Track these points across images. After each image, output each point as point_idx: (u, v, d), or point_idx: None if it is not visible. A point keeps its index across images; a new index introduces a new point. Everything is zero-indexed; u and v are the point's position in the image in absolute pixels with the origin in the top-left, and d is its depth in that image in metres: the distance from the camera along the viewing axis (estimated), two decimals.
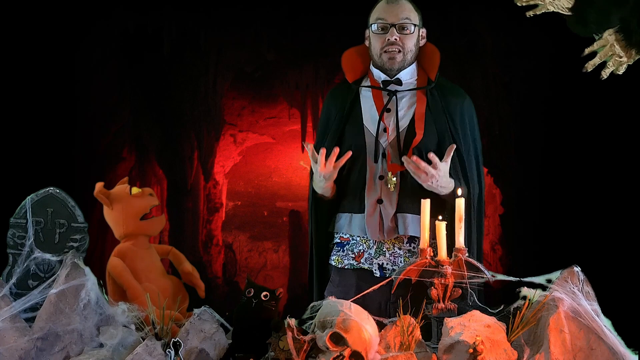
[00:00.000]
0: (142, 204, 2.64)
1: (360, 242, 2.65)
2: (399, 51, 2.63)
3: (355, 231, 2.65)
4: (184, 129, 8.03)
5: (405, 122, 2.64)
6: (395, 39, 2.61)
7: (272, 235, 9.47)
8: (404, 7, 2.64)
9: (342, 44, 2.85)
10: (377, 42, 2.65)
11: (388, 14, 2.62)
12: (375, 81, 2.70)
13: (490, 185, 7.51)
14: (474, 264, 2.19)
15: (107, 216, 2.65)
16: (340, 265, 2.66)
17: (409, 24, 2.62)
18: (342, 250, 2.68)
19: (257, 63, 7.86)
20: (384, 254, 2.61)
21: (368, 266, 2.62)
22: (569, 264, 2.16)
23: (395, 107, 2.64)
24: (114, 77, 7.54)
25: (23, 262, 2.28)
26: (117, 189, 2.67)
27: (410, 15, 2.63)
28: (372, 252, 2.62)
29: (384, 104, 2.65)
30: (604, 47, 2.08)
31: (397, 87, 2.67)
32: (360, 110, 2.69)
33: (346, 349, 1.92)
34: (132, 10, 7.02)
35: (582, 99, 6.07)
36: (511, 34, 6.80)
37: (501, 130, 7.26)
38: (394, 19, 2.61)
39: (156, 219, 2.68)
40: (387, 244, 2.62)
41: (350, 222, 2.66)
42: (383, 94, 2.67)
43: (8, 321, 2.11)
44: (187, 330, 2.10)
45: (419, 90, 2.67)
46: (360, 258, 2.64)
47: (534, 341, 2.08)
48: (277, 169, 9.60)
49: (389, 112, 2.65)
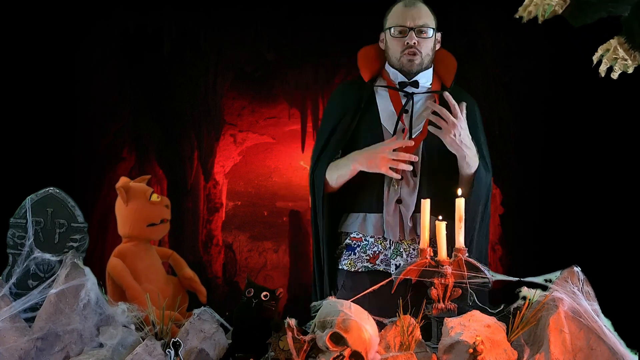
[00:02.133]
0: (156, 213, 2.63)
1: (375, 243, 2.63)
2: (417, 54, 2.64)
3: (369, 231, 2.63)
4: (184, 129, 8.02)
5: (420, 125, 2.64)
6: (414, 42, 2.62)
7: (272, 235, 9.47)
8: (422, 11, 2.65)
9: (342, 44, 2.86)
10: (396, 46, 2.65)
11: (407, 18, 2.63)
12: (392, 81, 2.70)
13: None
14: (474, 264, 2.19)
15: (119, 210, 2.64)
16: (354, 269, 2.63)
17: (427, 28, 2.64)
18: (353, 254, 2.65)
19: (257, 63, 7.86)
20: (401, 255, 2.60)
21: (384, 267, 2.60)
22: (569, 264, 2.16)
23: (411, 109, 2.65)
24: (114, 77, 7.53)
25: (23, 262, 2.28)
26: (137, 187, 2.65)
27: (427, 19, 2.65)
28: (389, 253, 2.61)
29: (402, 105, 2.66)
30: (608, 51, 2.07)
31: (414, 89, 2.67)
32: (377, 110, 2.68)
33: (346, 349, 1.92)
34: (132, 10, 7.02)
35: (582, 99, 6.07)
36: (511, 34, 6.80)
37: (501, 130, 7.26)
38: (413, 23, 2.62)
39: (161, 226, 2.67)
40: (404, 245, 2.61)
41: (365, 221, 2.64)
42: (400, 95, 2.68)
43: (8, 321, 2.11)
44: (187, 330, 2.10)
45: (434, 95, 2.68)
46: (375, 260, 2.62)
47: (534, 341, 2.08)
48: (277, 169, 9.59)
49: (406, 112, 2.65)
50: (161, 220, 2.65)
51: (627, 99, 5.35)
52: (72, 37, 6.56)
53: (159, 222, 2.64)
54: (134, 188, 2.63)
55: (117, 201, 2.64)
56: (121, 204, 2.62)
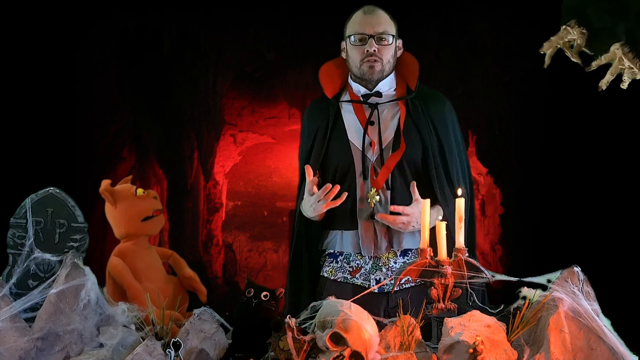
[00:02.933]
0: (146, 207, 2.63)
1: (356, 258, 2.64)
2: (377, 61, 2.62)
3: (347, 248, 2.64)
4: (184, 129, 8.02)
5: (389, 134, 2.63)
6: (374, 50, 2.61)
7: (272, 235, 9.46)
8: (381, 18, 2.64)
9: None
10: (357, 54, 2.64)
11: (366, 25, 2.62)
12: (355, 95, 2.68)
13: (490, 185, 7.50)
14: (474, 264, 2.19)
15: (109, 214, 2.65)
16: (333, 277, 2.64)
17: (387, 35, 2.62)
18: (335, 262, 2.66)
19: (257, 63, 7.85)
20: (380, 269, 2.60)
21: (362, 282, 2.60)
22: (569, 264, 2.16)
23: (377, 120, 2.63)
24: (114, 77, 7.53)
25: (23, 262, 2.28)
26: (121, 187, 2.67)
27: (387, 26, 2.63)
28: (368, 267, 2.61)
29: (367, 118, 2.64)
30: (612, 62, 2.05)
31: (378, 100, 2.66)
32: (343, 126, 2.67)
33: (346, 349, 1.92)
34: (132, 10, 7.02)
35: (582, 99, 6.06)
36: (511, 34, 6.79)
37: (501, 130, 7.25)
38: (372, 31, 2.61)
39: (156, 219, 2.68)
40: (382, 259, 2.61)
41: (342, 239, 2.65)
42: (364, 107, 2.66)
43: (8, 321, 2.11)
44: (187, 330, 2.10)
45: (400, 100, 2.66)
46: (356, 273, 2.62)
47: (534, 341, 2.08)
48: (277, 169, 9.59)
49: (372, 124, 2.63)
50: (154, 212, 2.65)
51: (627, 99, 5.35)
52: (72, 37, 6.56)
53: (152, 214, 2.64)
54: (118, 189, 2.64)
55: (106, 206, 2.65)
56: (110, 208, 2.63)
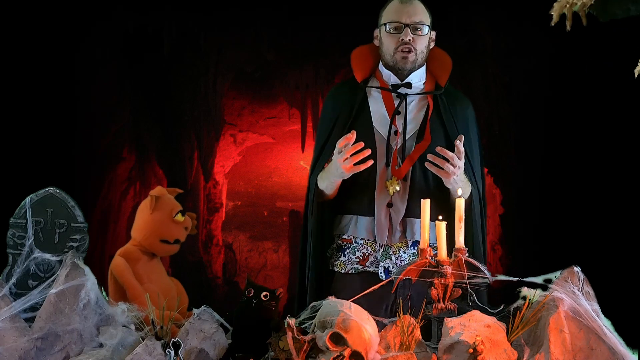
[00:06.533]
0: (172, 232, 2.62)
1: (365, 245, 2.63)
2: (412, 51, 2.62)
3: (361, 233, 2.63)
4: (184, 129, 8.02)
5: (414, 126, 2.63)
6: (409, 39, 2.60)
7: (272, 235, 9.47)
8: (418, 8, 2.63)
9: (342, 44, 2.86)
10: (391, 42, 2.63)
11: (402, 14, 2.61)
12: (385, 82, 2.68)
13: (490, 185, 7.50)
14: (474, 264, 2.19)
15: (141, 214, 2.63)
16: (344, 271, 2.64)
17: (422, 26, 2.61)
18: (343, 255, 2.66)
19: (257, 63, 7.86)
20: (390, 257, 2.61)
21: (374, 269, 2.61)
22: (569, 264, 2.16)
23: (404, 110, 2.63)
24: (114, 77, 7.54)
25: (23, 262, 2.28)
26: (167, 201, 2.64)
27: (423, 16, 2.63)
28: (378, 255, 2.61)
29: (395, 107, 2.64)
30: None
31: (407, 90, 2.66)
32: (369, 112, 2.67)
33: (346, 349, 1.92)
34: (132, 11, 7.03)
35: (582, 99, 6.08)
36: (511, 34, 6.80)
37: (501, 130, 7.26)
38: (408, 20, 2.60)
39: (171, 246, 2.66)
40: (393, 247, 2.61)
41: (356, 224, 2.64)
42: (393, 96, 2.66)
43: (8, 321, 2.11)
44: (187, 330, 2.10)
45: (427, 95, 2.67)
46: (365, 261, 2.62)
47: (534, 341, 2.08)
48: (277, 169, 9.60)
49: (398, 114, 2.64)
50: (175, 241, 2.64)
51: (627, 99, 5.35)
52: (73, 38, 6.57)
53: (172, 241, 2.64)
54: (164, 201, 2.62)
55: (144, 204, 2.63)
56: (146, 210, 2.61)
